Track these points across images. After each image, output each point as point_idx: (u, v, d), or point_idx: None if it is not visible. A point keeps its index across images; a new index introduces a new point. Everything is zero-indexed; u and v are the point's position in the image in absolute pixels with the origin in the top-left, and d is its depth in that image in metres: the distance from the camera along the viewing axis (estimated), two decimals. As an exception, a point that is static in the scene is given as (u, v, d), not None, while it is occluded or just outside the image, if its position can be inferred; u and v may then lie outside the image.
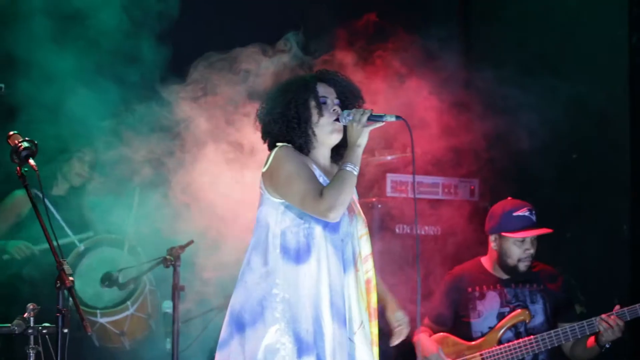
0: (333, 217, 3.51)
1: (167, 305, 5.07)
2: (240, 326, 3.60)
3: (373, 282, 3.71)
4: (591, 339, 5.02)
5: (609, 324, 4.89)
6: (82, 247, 5.71)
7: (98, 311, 5.59)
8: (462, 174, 6.19)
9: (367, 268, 3.72)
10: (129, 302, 5.63)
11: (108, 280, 5.35)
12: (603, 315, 4.92)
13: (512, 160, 6.18)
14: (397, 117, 3.59)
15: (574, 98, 6.06)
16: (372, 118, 3.58)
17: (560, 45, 6.40)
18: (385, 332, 3.85)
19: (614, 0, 6.27)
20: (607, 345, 4.98)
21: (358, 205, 3.79)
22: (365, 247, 3.73)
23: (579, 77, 6.15)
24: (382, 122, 3.59)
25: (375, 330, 3.71)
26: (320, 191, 3.52)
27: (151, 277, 5.70)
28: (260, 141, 3.81)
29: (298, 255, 3.59)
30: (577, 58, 6.29)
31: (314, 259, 3.58)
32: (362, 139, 3.57)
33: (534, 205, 5.32)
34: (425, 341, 5.16)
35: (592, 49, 6.23)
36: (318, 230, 3.61)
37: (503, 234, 5.20)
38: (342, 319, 3.57)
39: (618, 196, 6.21)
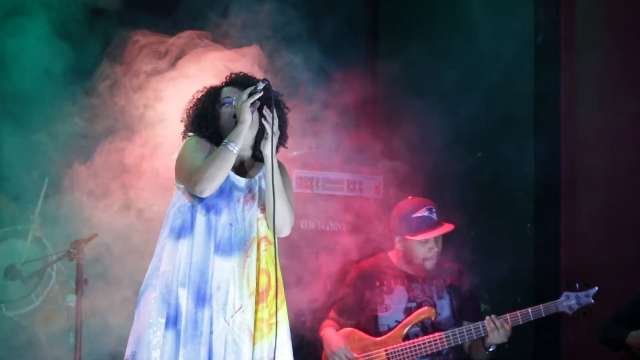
0: (200, 190, 3.66)
1: (71, 299, 5.11)
2: (137, 302, 3.81)
3: (262, 265, 3.81)
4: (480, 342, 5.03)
5: (495, 325, 4.90)
6: (-10, 240, 5.63)
7: (2, 305, 5.56)
8: (367, 170, 6.13)
9: (261, 250, 3.83)
10: (32, 295, 5.57)
11: (11, 273, 5.32)
12: (492, 316, 4.92)
13: (418, 157, 6.15)
14: (263, 80, 3.77)
15: (480, 96, 6.07)
16: (252, 92, 3.75)
17: (466, 44, 6.41)
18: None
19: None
20: (491, 349, 4.96)
21: (257, 193, 3.88)
22: (260, 229, 3.86)
23: (485, 75, 6.16)
24: (258, 92, 3.76)
25: (262, 315, 3.76)
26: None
27: (62, 269, 5.62)
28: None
29: (180, 232, 3.77)
30: (483, 56, 6.29)
31: (190, 237, 3.75)
32: (243, 115, 3.75)
33: (439, 203, 5.31)
34: (333, 335, 5.13)
35: (498, 47, 6.24)
36: (202, 211, 3.77)
37: (406, 237, 5.15)
38: (199, 298, 3.70)
39: (522, 195, 6.24)
